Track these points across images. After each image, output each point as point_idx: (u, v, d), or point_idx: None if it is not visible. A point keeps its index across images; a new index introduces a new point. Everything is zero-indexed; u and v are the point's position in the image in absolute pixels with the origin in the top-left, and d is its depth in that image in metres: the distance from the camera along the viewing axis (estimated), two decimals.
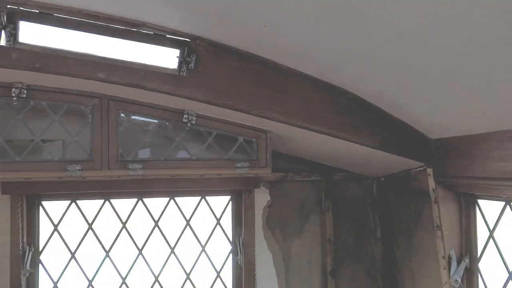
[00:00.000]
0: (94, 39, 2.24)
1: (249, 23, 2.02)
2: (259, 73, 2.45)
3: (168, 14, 2.11)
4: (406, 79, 2.03)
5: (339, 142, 2.60)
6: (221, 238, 3.29)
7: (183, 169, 2.64)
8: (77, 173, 2.46)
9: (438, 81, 1.95)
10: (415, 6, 1.43)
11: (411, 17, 1.48)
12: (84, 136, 2.52)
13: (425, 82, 2.00)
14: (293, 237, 3.35)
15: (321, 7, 1.59)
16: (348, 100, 2.53)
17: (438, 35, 1.58)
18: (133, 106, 2.54)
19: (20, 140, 2.49)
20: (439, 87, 2.00)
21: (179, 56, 2.33)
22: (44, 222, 3.01)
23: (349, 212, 3.44)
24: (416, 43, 1.66)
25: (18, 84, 2.34)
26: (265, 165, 2.74)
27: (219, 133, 2.69)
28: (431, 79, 1.95)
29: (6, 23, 2.09)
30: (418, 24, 1.51)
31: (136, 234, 3.14)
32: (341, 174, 3.41)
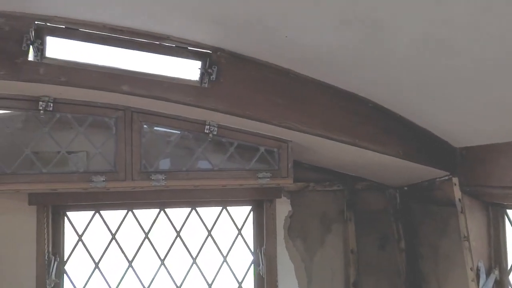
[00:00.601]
0: (118, 52, 2.29)
1: (270, 34, 2.04)
2: (279, 83, 2.45)
3: (191, 27, 2.14)
4: (430, 87, 2.01)
5: (361, 151, 2.57)
6: (242, 249, 3.28)
7: (205, 179, 2.65)
8: (102, 184, 2.50)
9: (463, 88, 1.92)
10: (438, 12, 1.41)
11: (435, 24, 1.46)
12: (108, 148, 2.56)
13: (450, 90, 1.97)
14: (315, 247, 3.32)
15: (342, 18, 1.59)
16: (370, 108, 2.51)
17: (463, 41, 1.56)
18: (156, 117, 2.57)
19: (46, 152, 2.55)
20: (465, 94, 1.96)
21: (201, 68, 2.36)
22: (68, 232, 3.06)
23: (372, 222, 3.39)
24: (441, 50, 1.64)
25: (45, 98, 2.40)
26: (287, 175, 2.73)
27: (240, 144, 2.70)
28: (456, 86, 1.92)
29: (34, 39, 2.15)
30: (443, 31, 1.50)
31: (158, 244, 3.17)
32: (363, 184, 3.37)
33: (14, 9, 2.12)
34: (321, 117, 2.48)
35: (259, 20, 1.90)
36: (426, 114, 2.33)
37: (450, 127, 2.37)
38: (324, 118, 2.48)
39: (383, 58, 1.85)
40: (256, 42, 2.21)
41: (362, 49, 1.83)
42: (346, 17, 1.57)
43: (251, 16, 1.87)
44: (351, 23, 1.60)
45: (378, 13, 1.49)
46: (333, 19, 1.64)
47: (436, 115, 2.29)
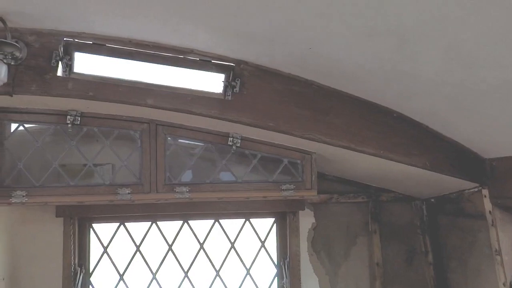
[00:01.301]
0: (143, 66, 2.33)
1: (294, 46, 2.04)
2: (302, 94, 2.45)
3: (215, 41, 2.16)
4: (457, 97, 1.97)
5: (387, 162, 2.53)
6: (266, 261, 3.25)
7: (229, 192, 2.65)
8: (127, 196, 2.52)
9: (492, 98, 1.87)
10: (469, 24, 1.39)
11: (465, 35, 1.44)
12: (133, 160, 2.59)
13: (478, 100, 1.93)
14: (339, 260, 3.26)
15: (369, 30, 1.58)
16: (395, 119, 2.47)
17: (493, 52, 1.53)
18: (180, 130, 2.59)
19: (72, 164, 2.59)
20: (493, 105, 1.91)
21: (224, 81, 2.37)
22: (94, 244, 3.10)
23: (398, 234, 3.32)
24: (470, 61, 1.61)
25: (73, 112, 2.46)
26: (311, 187, 2.71)
27: (264, 155, 2.69)
28: (484, 96, 1.88)
29: (63, 55, 2.21)
30: (472, 42, 1.47)
31: (181, 256, 3.17)
32: (388, 195, 3.31)
33: (44, 27, 2.19)
34: (345, 128, 2.45)
35: (282, 33, 1.90)
36: (454, 124, 2.28)
37: (479, 138, 2.31)
38: (348, 129, 2.45)
39: (411, 69, 1.82)
40: (280, 55, 2.21)
41: (389, 61, 1.81)
42: (372, 29, 1.56)
43: (274, 29, 1.87)
44: (378, 35, 1.58)
45: (407, 25, 1.47)
46: (359, 31, 1.62)
47: (464, 126, 2.24)
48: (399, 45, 1.62)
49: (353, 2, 1.45)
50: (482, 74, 1.71)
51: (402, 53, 1.70)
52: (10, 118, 2.44)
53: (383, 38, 1.60)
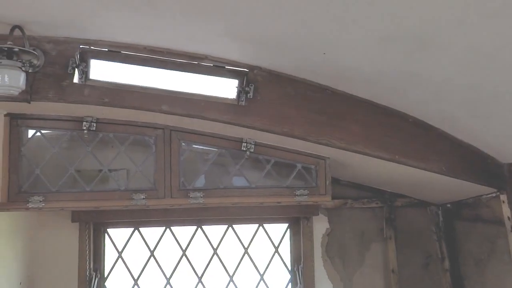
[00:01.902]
0: (158, 73, 2.35)
1: (308, 52, 2.03)
2: (316, 99, 2.44)
3: (228, 46, 2.17)
4: (475, 101, 1.94)
5: (402, 168, 2.51)
6: (279, 267, 3.24)
7: (243, 197, 2.65)
8: (142, 202, 2.54)
9: (510, 102, 1.84)
10: (487, 28, 1.37)
11: (483, 39, 1.42)
12: (147, 166, 2.61)
13: (496, 104, 1.90)
14: (354, 266, 3.23)
15: (384, 34, 1.57)
16: (410, 124, 2.45)
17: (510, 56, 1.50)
18: (194, 135, 2.60)
19: (88, 170, 2.62)
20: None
21: (238, 86, 2.38)
22: (108, 249, 3.12)
23: (413, 240, 3.27)
24: (488, 64, 1.58)
25: (89, 118, 2.49)
26: (325, 193, 2.69)
27: (278, 161, 2.69)
28: (502, 100, 1.85)
29: (79, 62, 2.24)
30: (490, 46, 1.45)
31: (195, 261, 3.17)
32: (403, 201, 3.28)
33: (61, 35, 2.22)
34: (359, 133, 2.44)
35: (296, 38, 1.90)
36: (471, 129, 2.25)
37: (497, 142, 2.27)
38: (362, 134, 2.44)
39: (427, 74, 1.81)
40: (293, 60, 2.21)
41: (405, 65, 1.79)
42: (388, 34, 1.55)
43: (288, 34, 1.87)
44: (394, 40, 1.57)
45: (424, 29, 1.46)
46: (374, 36, 1.62)
47: (482, 130, 2.21)
48: (416, 49, 1.61)
49: (369, 7, 1.44)
50: (500, 77, 1.68)
51: (419, 57, 1.68)
52: (28, 125, 2.48)
53: (399, 42, 1.58)
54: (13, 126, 2.45)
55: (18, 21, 2.03)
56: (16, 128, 2.45)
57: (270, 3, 1.60)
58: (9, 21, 2.02)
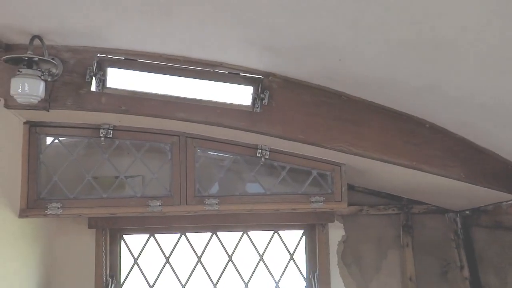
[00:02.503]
0: (174, 80, 2.37)
1: (323, 58, 2.03)
2: (331, 106, 2.43)
3: (243, 54, 2.17)
4: (495, 106, 1.90)
5: (419, 174, 2.47)
6: (295, 274, 3.22)
7: (258, 204, 2.64)
8: (158, 208, 2.55)
9: None
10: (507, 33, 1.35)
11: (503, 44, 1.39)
12: (163, 173, 2.62)
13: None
14: (370, 274, 3.19)
15: (400, 39, 1.56)
16: (428, 130, 2.42)
17: None
18: (209, 142, 2.61)
19: (104, 176, 2.65)
20: None
21: (253, 93, 2.38)
22: (124, 255, 3.14)
23: (431, 248, 3.22)
24: (508, 68, 1.56)
25: (105, 125, 2.51)
26: (341, 199, 2.67)
27: (293, 167, 2.68)
28: None
29: (97, 71, 2.27)
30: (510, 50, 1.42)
31: (210, 268, 3.17)
32: (420, 207, 3.23)
33: (79, 44, 2.26)
34: (376, 139, 2.42)
35: (311, 45, 1.90)
36: (491, 135, 2.21)
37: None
38: (379, 140, 2.42)
39: (446, 79, 1.78)
40: (309, 67, 2.21)
41: (424, 71, 1.78)
42: (405, 40, 1.54)
43: (304, 41, 1.87)
44: (412, 46, 1.56)
45: (443, 35, 1.44)
46: (391, 42, 1.60)
47: (502, 136, 2.17)
48: (434, 55, 1.59)
49: (385, 13, 1.43)
50: None
51: (438, 63, 1.66)
52: (46, 132, 2.51)
53: (417, 48, 1.57)
54: (32, 134, 2.49)
55: (38, 31, 2.08)
56: (35, 136, 2.49)
57: (286, 11, 1.60)
58: (29, 31, 2.07)
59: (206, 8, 1.67)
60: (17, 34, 2.11)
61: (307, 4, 1.51)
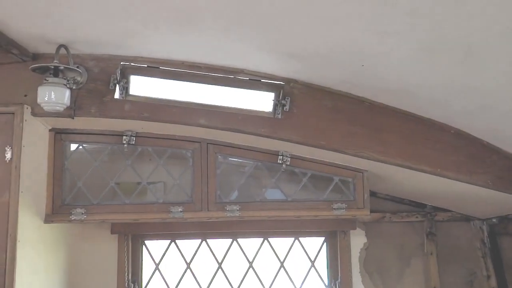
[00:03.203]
0: (195, 87, 2.39)
1: (346, 64, 2.01)
2: (353, 111, 2.41)
3: (265, 60, 2.18)
4: None
5: (444, 181, 2.42)
6: (316, 281, 3.18)
7: (279, 210, 2.63)
8: (179, 214, 2.56)
9: None
10: None
11: None
12: (185, 179, 2.64)
13: None
14: (393, 283, 3.13)
15: (427, 45, 1.53)
16: (453, 136, 2.38)
17: None
18: (230, 149, 2.62)
19: (127, 182, 2.68)
20: None
21: (274, 99, 2.38)
22: (146, 260, 3.16)
23: (456, 256, 3.14)
24: None
25: (128, 132, 2.55)
26: (363, 206, 2.64)
27: (314, 174, 2.66)
28: None
29: (120, 78, 2.31)
30: None
31: (231, 274, 3.16)
32: (444, 215, 3.16)
33: (103, 52, 2.30)
34: (398, 146, 2.38)
35: (333, 51, 1.89)
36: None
37: None
38: (402, 147, 2.38)
39: (474, 84, 1.75)
40: (331, 72, 2.19)
41: (451, 76, 1.74)
42: (433, 45, 1.51)
43: (326, 47, 1.86)
44: (439, 50, 1.53)
45: (472, 39, 1.41)
46: (417, 47, 1.58)
47: None
48: (462, 60, 1.56)
49: (411, 19, 1.41)
50: None
51: (466, 68, 1.63)
52: (71, 139, 2.56)
53: (445, 53, 1.54)
54: (57, 141, 2.54)
55: (64, 40, 2.13)
56: (60, 143, 2.54)
57: (308, 18, 1.60)
58: (55, 40, 2.12)
59: (229, 16, 1.68)
60: (44, 44, 2.16)
61: (330, 11, 1.50)
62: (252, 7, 1.57)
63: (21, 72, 2.28)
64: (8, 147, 2.20)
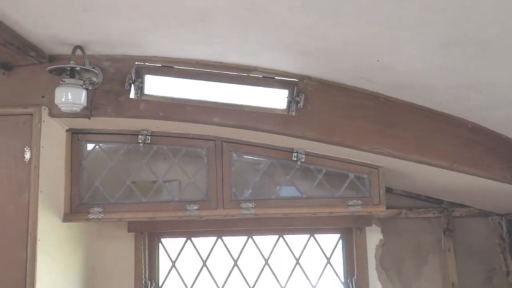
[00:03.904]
0: (209, 86, 2.40)
1: (360, 60, 2.00)
2: (368, 107, 2.39)
3: (278, 58, 2.17)
4: None
5: (461, 176, 2.39)
6: (332, 278, 3.17)
7: (294, 207, 2.63)
8: (195, 212, 2.58)
9: None
10: None
11: None
12: (200, 177, 2.65)
13: None
14: (410, 279, 3.10)
15: (443, 40, 1.51)
16: (470, 130, 2.34)
17: None
18: (245, 146, 2.62)
19: (143, 181, 2.70)
20: None
21: (288, 96, 2.38)
22: (162, 258, 3.19)
23: (475, 252, 3.10)
24: None
25: (144, 131, 2.57)
26: (379, 203, 2.62)
27: (329, 170, 2.65)
28: None
29: (135, 78, 2.33)
30: None
31: (247, 271, 3.18)
32: (462, 210, 3.12)
33: (118, 53, 2.32)
34: (415, 141, 2.36)
35: (347, 47, 1.88)
36: None
37: None
38: (418, 142, 2.36)
39: (492, 78, 1.72)
40: (344, 68, 2.18)
41: (467, 71, 1.72)
42: (448, 39, 1.49)
43: (339, 43, 1.85)
44: (454, 45, 1.51)
45: (488, 33, 1.39)
46: (433, 42, 1.56)
47: None
48: (479, 54, 1.53)
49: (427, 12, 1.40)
50: None
51: (482, 62, 1.60)
52: (88, 139, 2.59)
53: (460, 47, 1.52)
54: (74, 141, 2.57)
55: (80, 41, 2.15)
56: (77, 143, 2.58)
57: (321, 14, 1.59)
58: (71, 42, 2.14)
59: (242, 14, 1.68)
60: (60, 45, 2.19)
61: (344, 7, 1.49)
62: (265, 4, 1.57)
63: (38, 74, 2.32)
64: (27, 147, 2.24)
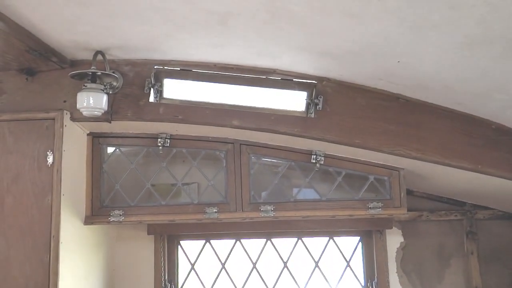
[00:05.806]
0: (228, 88, 2.40)
1: (380, 61, 1.97)
2: (388, 109, 2.36)
3: (297, 60, 2.16)
4: None
5: (485, 178, 2.34)
6: (352, 281, 3.14)
7: (313, 210, 2.61)
8: (214, 215, 2.58)
9: None
10: None
11: None
12: (219, 180, 2.65)
13: None
14: (432, 283, 3.05)
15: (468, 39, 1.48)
16: (494, 131, 2.29)
17: None
18: (263, 149, 2.61)
19: (162, 184, 2.72)
20: None
21: (307, 98, 2.37)
22: (181, 260, 3.20)
23: (499, 256, 3.03)
24: None
25: (163, 135, 2.59)
26: (400, 205, 2.58)
27: (349, 173, 2.62)
28: None
29: (154, 82, 2.35)
30: None
31: (266, 274, 3.17)
32: (485, 213, 3.05)
33: (138, 57, 2.35)
34: (437, 142, 2.32)
35: (367, 48, 1.85)
36: None
37: None
38: (440, 144, 2.31)
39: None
40: (364, 70, 2.15)
41: (492, 70, 1.68)
42: (472, 38, 1.46)
43: (360, 44, 1.83)
44: (479, 44, 1.47)
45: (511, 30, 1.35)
46: (456, 41, 1.53)
47: None
48: (505, 53, 1.50)
49: (451, 12, 1.37)
50: None
51: (507, 62, 1.56)
52: (109, 143, 2.62)
53: (485, 46, 1.49)
54: (95, 145, 2.61)
55: (100, 47, 2.18)
56: (98, 146, 2.61)
57: (342, 15, 1.57)
58: (92, 47, 2.18)
59: (262, 17, 1.68)
60: (81, 51, 2.23)
61: (365, 7, 1.48)
62: (286, 6, 1.56)
63: (60, 79, 2.36)
64: (49, 151, 2.28)
